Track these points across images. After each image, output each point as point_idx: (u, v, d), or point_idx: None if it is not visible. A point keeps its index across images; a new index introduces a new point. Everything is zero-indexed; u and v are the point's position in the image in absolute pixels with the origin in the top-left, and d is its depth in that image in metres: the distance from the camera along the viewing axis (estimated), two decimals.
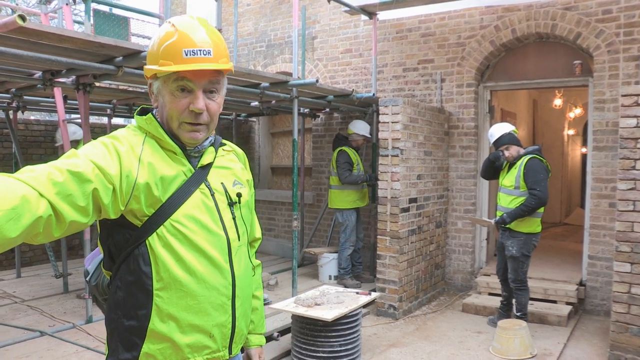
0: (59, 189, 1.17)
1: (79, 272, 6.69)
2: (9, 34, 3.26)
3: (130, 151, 1.37)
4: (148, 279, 1.38)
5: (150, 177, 1.37)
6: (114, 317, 1.44)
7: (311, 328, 4.00)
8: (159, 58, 1.40)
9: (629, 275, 4.15)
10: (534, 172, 4.64)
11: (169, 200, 1.40)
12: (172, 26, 1.42)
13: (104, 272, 1.53)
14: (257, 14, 8.47)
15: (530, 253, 4.83)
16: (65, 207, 1.18)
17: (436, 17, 6.61)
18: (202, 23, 1.44)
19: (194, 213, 1.43)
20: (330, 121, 7.78)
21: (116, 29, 5.52)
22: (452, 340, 4.76)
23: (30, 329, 4.69)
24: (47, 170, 1.18)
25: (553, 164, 11.53)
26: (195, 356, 1.43)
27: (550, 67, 6.12)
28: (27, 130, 7.87)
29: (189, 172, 1.47)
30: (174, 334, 1.40)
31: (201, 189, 1.47)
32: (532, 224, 4.77)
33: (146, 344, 1.40)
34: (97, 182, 1.26)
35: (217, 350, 1.47)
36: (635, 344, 4.13)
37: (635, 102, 4.11)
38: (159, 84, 1.44)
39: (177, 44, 1.39)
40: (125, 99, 6.63)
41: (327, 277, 6.61)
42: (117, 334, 1.43)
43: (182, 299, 1.40)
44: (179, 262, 1.39)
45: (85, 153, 1.30)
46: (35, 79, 4.78)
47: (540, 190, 4.59)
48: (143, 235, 1.38)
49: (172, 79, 1.41)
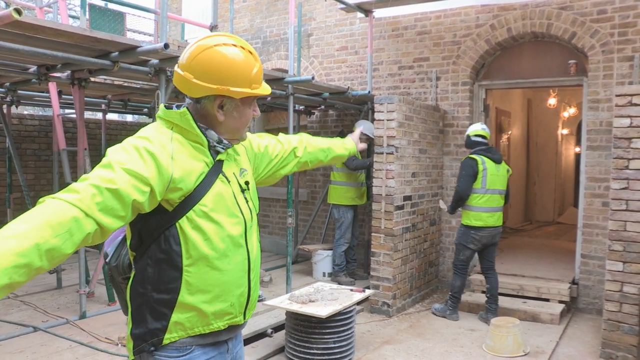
0: (102, 206, 1.36)
1: (72, 267, 6.67)
2: (4, 28, 3.23)
3: (163, 150, 1.52)
4: (178, 257, 1.56)
5: (182, 170, 1.54)
6: (142, 291, 1.59)
7: (305, 325, 4.01)
8: (251, 82, 1.63)
9: (621, 274, 4.19)
10: (459, 170, 5.24)
11: (196, 188, 1.58)
12: (250, 53, 1.64)
13: (129, 252, 1.67)
14: (253, 10, 8.45)
15: (468, 244, 5.20)
16: (108, 220, 1.38)
17: (432, 15, 6.62)
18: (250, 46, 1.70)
19: (217, 198, 1.62)
20: (325, 118, 7.78)
21: (112, 24, 5.50)
22: (445, 338, 4.78)
23: (23, 324, 4.67)
24: (90, 192, 1.35)
25: (547, 163, 11.63)
26: (218, 322, 1.65)
27: (545, 66, 6.14)
28: (20, 125, 7.83)
29: (210, 163, 1.65)
30: (201, 304, 1.59)
31: (220, 178, 1.66)
32: (467, 217, 5.21)
33: (175, 313, 1.58)
34: (134, 192, 1.43)
35: (235, 316, 1.69)
36: (626, 341, 4.17)
37: (629, 102, 4.14)
38: (236, 102, 1.65)
39: (260, 69, 1.66)
40: (120, 95, 6.61)
41: (321, 274, 6.62)
42: (146, 306, 1.59)
43: (208, 274, 1.59)
44: (207, 241, 1.58)
45: (119, 161, 1.44)
46: (30, 74, 4.75)
47: (458, 184, 5.19)
48: (174, 219, 1.56)
49: (252, 98, 1.68)
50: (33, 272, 1.24)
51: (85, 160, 4.99)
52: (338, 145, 2.38)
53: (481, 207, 5.11)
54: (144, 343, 1.60)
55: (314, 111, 7.71)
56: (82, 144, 4.90)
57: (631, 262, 4.14)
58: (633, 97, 4.13)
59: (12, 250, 1.19)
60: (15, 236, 1.22)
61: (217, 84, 1.58)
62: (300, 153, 2.15)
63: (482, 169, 5.10)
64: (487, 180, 5.10)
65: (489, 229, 5.15)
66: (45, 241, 1.24)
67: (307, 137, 2.24)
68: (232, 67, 1.59)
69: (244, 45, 1.64)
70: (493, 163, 5.15)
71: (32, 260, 1.22)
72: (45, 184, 8.04)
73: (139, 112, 8.39)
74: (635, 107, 4.12)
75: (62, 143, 5.32)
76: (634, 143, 4.12)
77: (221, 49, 1.59)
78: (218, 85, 1.58)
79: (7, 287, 1.19)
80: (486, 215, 5.11)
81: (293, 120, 5.98)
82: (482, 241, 5.18)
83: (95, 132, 8.58)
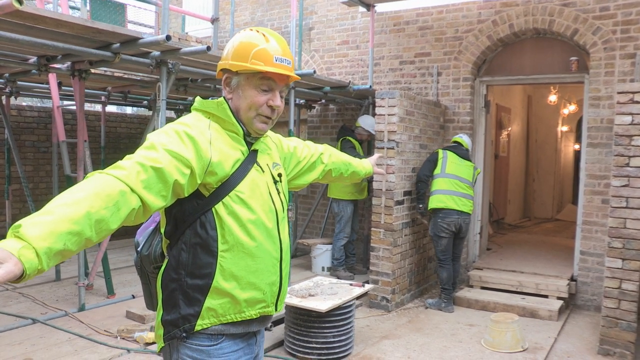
0: (146, 184, 1.40)
1: (71, 260, 6.65)
2: (4, 17, 3.22)
3: (201, 135, 1.57)
4: (214, 242, 1.59)
5: (220, 155, 1.58)
6: (175, 277, 1.61)
7: (305, 319, 4.02)
8: (250, 58, 1.63)
9: (620, 271, 4.19)
10: None
11: (233, 175, 1.61)
12: (263, 35, 1.67)
13: (163, 240, 1.70)
14: (254, 3, 8.41)
15: (440, 234, 5.36)
16: (151, 197, 1.42)
17: (434, 11, 6.60)
18: (280, 37, 1.72)
19: (252, 186, 1.65)
20: (325, 112, 7.77)
21: (112, 16, 5.47)
22: (444, 333, 4.79)
23: (22, 316, 4.67)
24: (136, 169, 1.40)
25: (546, 160, 11.64)
26: (250, 310, 1.65)
27: (547, 63, 6.13)
28: (19, 116, 7.80)
29: (246, 152, 1.69)
30: (235, 291, 1.61)
31: (255, 167, 1.69)
32: (430, 202, 5.44)
33: (208, 299, 1.59)
34: (176, 172, 1.47)
35: (268, 306, 1.70)
36: (624, 338, 4.19)
37: (630, 99, 4.13)
38: (240, 79, 1.66)
39: (269, 50, 1.64)
40: (120, 87, 6.58)
41: (320, 268, 6.62)
42: (180, 291, 1.61)
43: (243, 260, 1.62)
44: (242, 227, 1.61)
45: (162, 143, 1.49)
46: (29, 64, 4.73)
47: (420, 169, 5.60)
48: (210, 204, 1.59)
49: (258, 77, 1.65)
50: (83, 241, 1.27)
51: (85, 152, 4.97)
52: (357, 163, 2.42)
53: (440, 189, 5.37)
54: (176, 329, 1.61)
55: (315, 105, 7.69)
56: (82, 135, 4.89)
57: (630, 259, 4.15)
58: (635, 95, 4.12)
59: (66, 216, 1.22)
60: (68, 204, 1.25)
61: (224, 59, 1.69)
62: (327, 160, 2.20)
63: (442, 157, 5.47)
64: (446, 166, 5.40)
65: (454, 215, 5.31)
66: (95, 211, 1.28)
67: (331, 148, 2.29)
68: (238, 43, 1.67)
69: (264, 31, 1.69)
70: (456, 155, 5.47)
71: (84, 229, 1.25)
72: (44, 176, 8.01)
73: (139, 105, 8.37)
74: (637, 104, 4.11)
75: (61, 135, 5.30)
76: (635, 141, 4.12)
77: (240, 32, 1.71)
78: (224, 61, 1.68)
79: (60, 254, 1.21)
80: (445, 197, 5.33)
81: (294, 114, 5.97)
82: (450, 228, 5.34)
83: (94, 124, 8.55)
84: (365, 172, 2.47)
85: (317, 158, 2.15)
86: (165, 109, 4.42)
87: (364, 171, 2.46)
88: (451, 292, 5.47)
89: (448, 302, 5.43)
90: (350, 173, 2.36)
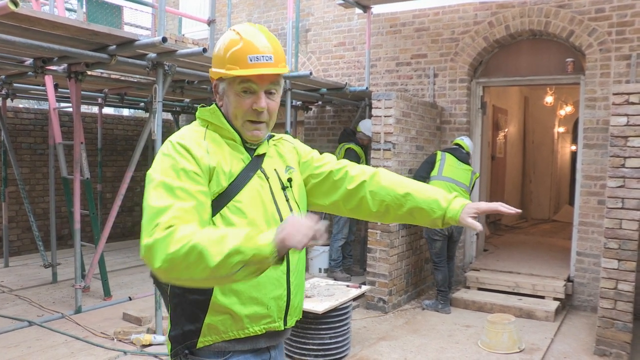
0: (199, 217, 1.43)
1: (68, 262, 6.65)
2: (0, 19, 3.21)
3: (197, 146, 1.52)
4: None
5: (217, 165, 1.53)
6: (177, 292, 1.55)
7: (301, 320, 3.99)
8: (225, 63, 1.56)
9: (616, 271, 4.21)
10: None
11: (231, 184, 1.54)
12: (237, 34, 1.57)
13: None
14: (251, 5, 8.41)
15: (433, 236, 5.38)
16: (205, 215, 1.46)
17: (430, 12, 6.61)
18: (262, 30, 1.60)
19: (252, 195, 1.57)
20: (322, 114, 7.77)
21: (109, 18, 5.47)
22: (441, 334, 4.80)
23: (18, 318, 4.66)
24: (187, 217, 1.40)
25: (543, 161, 11.66)
26: (254, 326, 1.55)
27: (543, 64, 6.15)
28: (16, 118, 7.78)
29: (247, 159, 1.61)
30: (235, 306, 1.52)
31: (258, 174, 1.61)
32: None
33: (208, 316, 1.52)
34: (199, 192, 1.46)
35: (274, 321, 1.59)
36: (620, 339, 4.20)
37: (626, 100, 4.15)
38: (224, 86, 1.60)
39: (242, 50, 1.54)
40: (117, 89, 6.58)
41: (317, 269, 6.63)
42: (181, 307, 1.56)
43: None
44: None
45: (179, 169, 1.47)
46: (26, 66, 4.72)
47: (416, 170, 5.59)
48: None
49: (237, 82, 1.55)
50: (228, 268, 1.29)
51: (82, 154, 4.97)
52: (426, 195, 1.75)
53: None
54: (179, 346, 1.57)
55: (311, 107, 7.70)
56: (79, 137, 4.88)
57: (626, 259, 4.16)
58: (630, 96, 4.14)
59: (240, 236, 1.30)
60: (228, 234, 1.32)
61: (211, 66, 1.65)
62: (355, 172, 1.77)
63: (440, 158, 5.44)
64: (443, 169, 5.37)
65: None
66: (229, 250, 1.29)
67: (385, 171, 1.82)
68: (217, 48, 1.61)
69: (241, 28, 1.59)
70: (454, 158, 5.44)
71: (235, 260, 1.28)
72: (40, 178, 7.99)
73: (136, 107, 8.36)
74: (632, 105, 4.13)
75: (58, 137, 5.30)
76: (631, 141, 4.14)
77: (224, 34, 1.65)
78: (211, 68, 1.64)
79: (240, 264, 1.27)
80: None
81: (290, 115, 5.97)
82: (443, 232, 5.34)
83: (91, 126, 8.53)
84: (443, 212, 1.74)
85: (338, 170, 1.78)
86: (161, 111, 4.41)
87: (442, 212, 1.74)
88: (447, 293, 5.49)
89: (445, 304, 5.44)
90: (409, 208, 1.73)
